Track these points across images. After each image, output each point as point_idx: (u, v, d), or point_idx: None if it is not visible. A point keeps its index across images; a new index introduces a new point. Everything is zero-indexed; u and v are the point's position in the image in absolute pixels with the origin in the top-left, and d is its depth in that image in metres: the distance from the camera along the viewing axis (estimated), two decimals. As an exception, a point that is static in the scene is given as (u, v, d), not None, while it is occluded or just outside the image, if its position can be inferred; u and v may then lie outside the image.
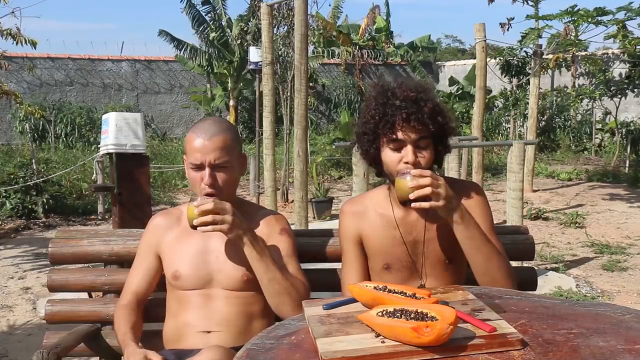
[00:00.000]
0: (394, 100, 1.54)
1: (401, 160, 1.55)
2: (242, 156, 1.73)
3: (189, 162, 1.66)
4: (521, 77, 11.96)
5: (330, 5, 14.58)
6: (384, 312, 1.18)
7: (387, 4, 15.68)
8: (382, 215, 1.67)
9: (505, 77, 12.12)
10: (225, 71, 13.17)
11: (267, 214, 1.80)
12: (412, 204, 1.46)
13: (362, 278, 1.69)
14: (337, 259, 2.02)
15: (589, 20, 6.82)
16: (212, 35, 12.66)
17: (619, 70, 11.76)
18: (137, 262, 1.79)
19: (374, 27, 15.44)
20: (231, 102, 13.31)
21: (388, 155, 1.58)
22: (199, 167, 1.64)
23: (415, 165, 1.53)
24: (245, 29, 12.34)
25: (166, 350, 1.70)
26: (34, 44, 6.02)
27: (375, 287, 1.33)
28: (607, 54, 12.39)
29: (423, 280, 1.65)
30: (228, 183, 1.66)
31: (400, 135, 1.53)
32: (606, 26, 6.94)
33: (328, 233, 2.02)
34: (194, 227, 1.55)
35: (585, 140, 12.37)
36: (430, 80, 15.49)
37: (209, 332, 1.65)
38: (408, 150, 1.54)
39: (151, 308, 1.86)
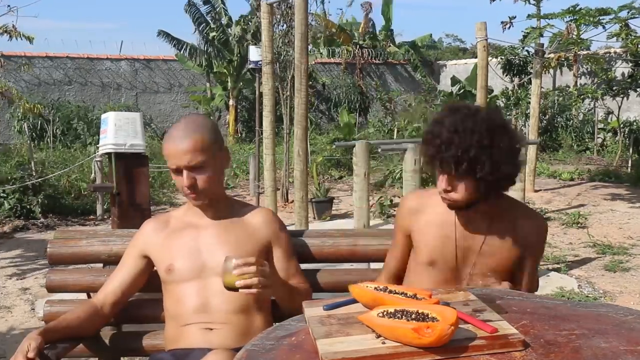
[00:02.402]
0: (436, 137, 1.55)
1: (440, 188, 1.59)
2: (222, 152, 1.74)
3: (169, 167, 1.70)
4: (523, 77, 11.95)
5: (329, 1, 14.57)
6: (385, 313, 1.17)
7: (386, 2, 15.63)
8: (442, 214, 1.69)
9: (506, 76, 12.11)
10: (225, 70, 13.17)
11: (260, 210, 1.83)
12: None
13: (400, 265, 1.81)
14: (337, 259, 2.01)
15: (591, 20, 6.80)
16: (212, 34, 12.67)
17: (621, 69, 11.74)
18: (119, 265, 1.81)
19: (372, 25, 15.37)
20: (231, 102, 13.32)
21: (437, 176, 1.62)
22: (178, 172, 1.67)
23: (447, 192, 1.57)
24: (245, 28, 12.35)
25: (165, 353, 1.69)
26: (30, 40, 6.00)
27: (375, 288, 1.32)
28: (610, 53, 12.37)
29: (463, 286, 1.65)
30: (208, 182, 1.68)
31: (438, 167, 1.58)
32: (604, 27, 6.92)
33: (328, 233, 2.01)
34: (235, 289, 1.50)
35: (587, 140, 12.36)
36: (431, 80, 15.49)
37: (211, 329, 1.65)
38: (442, 179, 1.58)
39: (149, 308, 1.85)
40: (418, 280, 1.71)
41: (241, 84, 13.42)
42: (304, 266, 1.91)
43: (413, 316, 1.14)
